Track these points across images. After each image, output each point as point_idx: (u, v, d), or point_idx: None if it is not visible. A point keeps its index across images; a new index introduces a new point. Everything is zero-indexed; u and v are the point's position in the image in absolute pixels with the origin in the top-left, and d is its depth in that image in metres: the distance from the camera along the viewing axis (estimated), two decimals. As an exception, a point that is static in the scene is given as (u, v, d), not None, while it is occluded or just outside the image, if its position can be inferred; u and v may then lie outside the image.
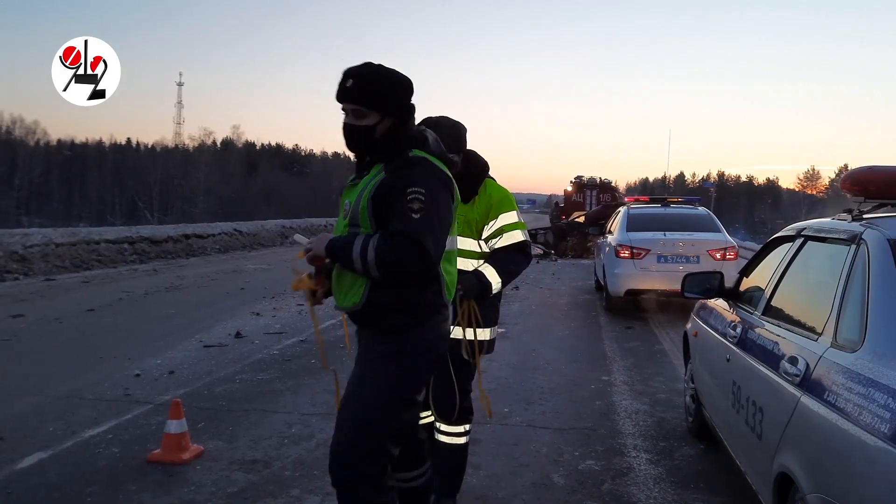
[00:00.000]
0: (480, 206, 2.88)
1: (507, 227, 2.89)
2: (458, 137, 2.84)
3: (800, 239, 3.07)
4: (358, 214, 2.24)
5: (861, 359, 2.02)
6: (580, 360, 6.48)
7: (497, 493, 3.45)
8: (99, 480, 3.50)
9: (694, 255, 8.91)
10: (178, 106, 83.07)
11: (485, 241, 2.91)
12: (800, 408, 2.20)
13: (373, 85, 2.21)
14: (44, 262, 12.49)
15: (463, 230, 2.85)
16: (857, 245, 2.38)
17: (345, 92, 2.22)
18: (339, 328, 7.57)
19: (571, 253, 18.32)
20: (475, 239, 2.89)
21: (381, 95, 2.23)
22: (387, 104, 2.23)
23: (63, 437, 4.10)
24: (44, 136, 72.65)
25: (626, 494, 3.44)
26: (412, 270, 2.16)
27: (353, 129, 2.25)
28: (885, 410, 1.76)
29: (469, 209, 2.87)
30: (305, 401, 4.92)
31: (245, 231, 20.53)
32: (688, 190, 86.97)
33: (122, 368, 5.71)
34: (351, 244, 2.17)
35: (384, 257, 2.13)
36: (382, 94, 2.23)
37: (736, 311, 3.48)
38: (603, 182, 24.68)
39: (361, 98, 2.21)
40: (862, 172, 2.81)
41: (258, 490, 3.42)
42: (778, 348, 2.61)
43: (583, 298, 10.85)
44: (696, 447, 4.10)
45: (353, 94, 2.21)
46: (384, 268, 2.14)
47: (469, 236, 2.89)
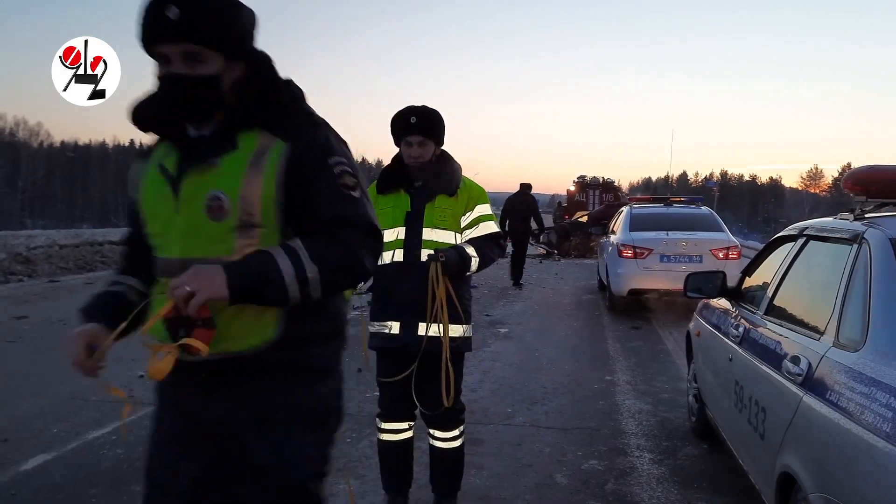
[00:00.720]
0: (462, 199, 2.92)
1: (483, 217, 2.93)
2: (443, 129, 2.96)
3: (802, 238, 3.06)
4: (255, 208, 1.51)
5: (863, 358, 2.01)
6: (583, 360, 6.48)
7: (500, 493, 3.45)
8: (103, 481, 3.51)
9: (697, 254, 8.90)
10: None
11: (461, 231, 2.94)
12: (802, 407, 2.20)
13: (210, 13, 1.49)
14: (48, 264, 12.53)
15: (449, 224, 2.88)
16: (860, 244, 2.38)
17: (166, 26, 1.45)
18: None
19: (574, 253, 18.32)
20: (458, 232, 2.92)
21: (222, 28, 1.51)
22: (234, 42, 1.54)
23: (67, 438, 4.12)
24: (47, 138, 73.15)
25: (629, 494, 3.44)
26: (369, 272, 1.58)
27: (186, 81, 1.49)
28: (888, 410, 1.75)
29: (454, 203, 2.90)
30: (308, 401, 4.92)
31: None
32: (691, 189, 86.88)
33: (126, 370, 5.71)
34: (269, 265, 1.46)
35: (334, 267, 1.51)
36: (224, 26, 1.51)
37: (738, 311, 3.48)
38: (606, 182, 24.70)
39: (195, 33, 1.47)
40: (864, 172, 2.81)
41: (261, 491, 3.42)
42: (780, 348, 2.61)
43: (586, 298, 10.85)
44: (700, 447, 4.10)
45: (183, 28, 1.45)
46: (332, 283, 1.53)
47: (454, 230, 2.90)
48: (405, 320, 2.86)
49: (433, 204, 2.86)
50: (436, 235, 2.86)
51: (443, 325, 2.81)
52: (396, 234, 2.88)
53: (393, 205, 2.91)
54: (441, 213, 2.87)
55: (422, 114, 2.85)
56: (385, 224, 2.86)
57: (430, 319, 2.81)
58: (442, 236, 2.86)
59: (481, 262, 2.88)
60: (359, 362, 5.97)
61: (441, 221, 2.87)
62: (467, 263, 2.82)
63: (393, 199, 2.92)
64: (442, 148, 2.96)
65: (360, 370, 5.75)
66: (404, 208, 2.89)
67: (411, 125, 2.83)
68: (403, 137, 2.87)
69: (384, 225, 2.85)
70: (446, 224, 2.88)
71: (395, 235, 2.88)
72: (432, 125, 2.87)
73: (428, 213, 2.86)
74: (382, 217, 2.83)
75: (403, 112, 2.87)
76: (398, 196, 2.92)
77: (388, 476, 3.12)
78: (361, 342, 2.92)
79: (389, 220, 2.87)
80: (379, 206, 2.87)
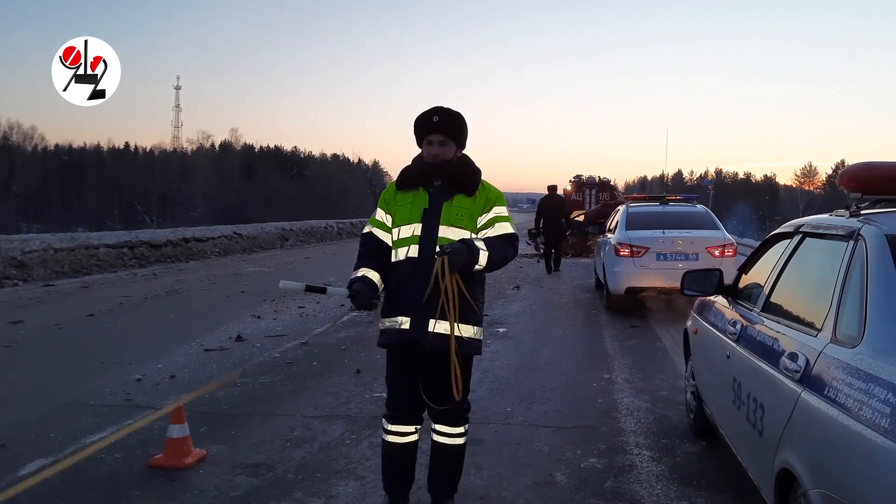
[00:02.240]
0: (480, 200, 2.95)
1: (499, 217, 2.95)
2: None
3: (798, 235, 3.07)
4: None
5: (860, 354, 2.02)
6: (581, 359, 6.49)
7: (500, 492, 3.45)
8: (101, 487, 3.50)
9: (693, 252, 8.93)
10: (176, 109, 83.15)
11: (477, 231, 2.95)
12: (800, 404, 2.21)
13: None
14: (43, 268, 12.49)
15: (466, 223, 2.90)
16: (856, 241, 2.39)
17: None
18: (340, 331, 7.59)
19: (571, 252, 18.33)
20: (473, 231, 2.93)
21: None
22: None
23: (65, 443, 4.11)
24: (41, 142, 72.79)
25: (628, 492, 3.45)
26: None
27: None
28: (885, 405, 1.76)
29: (472, 203, 2.92)
30: (308, 404, 4.92)
31: (245, 234, 20.51)
32: (686, 188, 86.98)
33: (124, 374, 5.71)
34: None
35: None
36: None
37: (735, 308, 3.49)
38: (602, 181, 24.68)
39: None
40: (859, 168, 2.82)
41: (261, 494, 3.42)
42: (778, 344, 2.62)
43: (583, 297, 10.86)
44: (698, 444, 4.11)
45: None
46: None
47: (470, 229, 2.92)
48: (416, 316, 2.86)
49: (451, 202, 2.89)
50: (451, 233, 2.87)
51: (450, 320, 2.82)
52: (413, 231, 2.90)
53: (411, 202, 2.94)
54: (458, 211, 2.90)
55: (445, 113, 2.90)
56: (402, 220, 2.92)
57: (439, 315, 2.81)
58: (458, 234, 2.87)
59: (491, 258, 2.85)
60: (358, 363, 6.02)
61: (458, 220, 2.89)
62: (475, 256, 2.79)
63: (412, 197, 2.95)
64: (463, 152, 3.02)
65: (359, 371, 5.76)
66: (422, 205, 2.91)
67: (434, 124, 2.88)
68: (425, 136, 2.92)
69: (401, 221, 2.92)
70: (462, 223, 2.90)
71: (412, 232, 2.90)
72: (454, 125, 2.93)
73: (445, 211, 2.89)
74: (400, 213, 2.90)
75: (427, 112, 2.93)
76: (417, 194, 2.95)
77: (389, 477, 3.12)
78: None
79: (406, 216, 2.90)
80: (397, 202, 2.95)
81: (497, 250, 2.88)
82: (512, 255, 2.99)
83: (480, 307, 3.00)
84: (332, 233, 27.37)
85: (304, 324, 8.05)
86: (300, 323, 8.14)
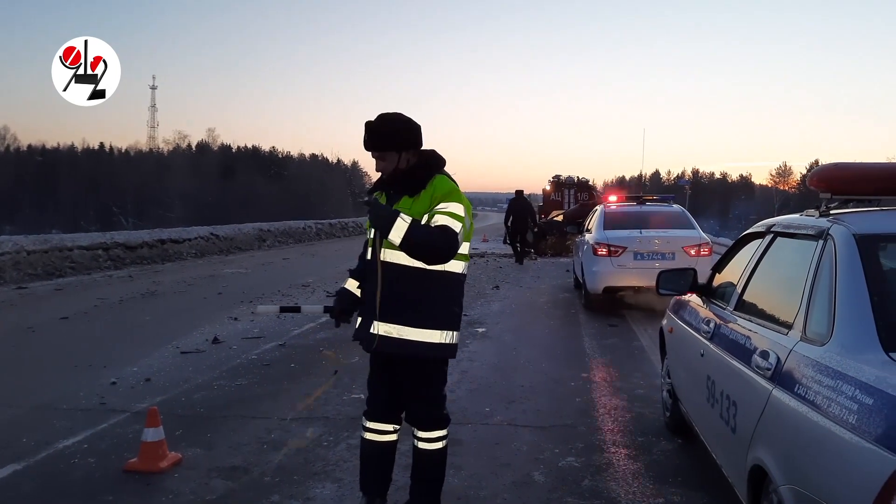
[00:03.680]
0: (424, 199, 2.90)
1: (439, 212, 2.84)
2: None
3: (769, 235, 3.12)
4: None
5: (829, 352, 2.06)
6: (560, 358, 6.53)
7: (479, 492, 3.46)
8: (75, 492, 3.45)
9: (669, 251, 9.02)
10: (152, 109, 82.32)
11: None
12: (771, 401, 2.24)
13: None
14: (15, 271, 12.27)
15: None
16: (825, 240, 2.42)
17: None
18: (318, 332, 7.55)
19: (550, 251, 18.44)
20: None
21: None
22: None
23: (37, 448, 4.03)
24: (14, 142, 71.46)
25: (605, 490, 3.47)
26: None
27: None
28: (853, 402, 1.79)
29: (413, 203, 2.91)
30: (285, 406, 4.89)
31: (222, 235, 20.31)
32: (664, 188, 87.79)
33: (98, 377, 5.63)
34: None
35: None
36: None
37: (709, 307, 3.53)
38: (580, 181, 24.85)
39: None
40: (828, 169, 2.86)
41: (237, 497, 3.39)
42: (750, 342, 2.65)
43: (562, 297, 10.92)
44: (674, 442, 4.15)
45: None
46: None
47: None
48: (365, 316, 2.96)
49: (398, 206, 2.90)
50: (395, 235, 2.85)
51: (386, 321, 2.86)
52: (371, 234, 2.99)
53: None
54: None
55: (370, 131, 2.91)
56: (367, 225, 3.03)
57: (380, 317, 2.85)
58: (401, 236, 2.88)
59: (409, 239, 2.75)
60: (336, 365, 5.98)
61: None
62: (392, 219, 2.75)
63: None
64: (422, 149, 2.98)
65: (337, 372, 5.73)
66: None
67: (365, 144, 2.95)
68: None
69: (367, 226, 3.03)
70: None
71: (370, 235, 3.00)
72: (382, 138, 2.91)
73: None
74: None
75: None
76: (381, 197, 3.01)
77: (366, 478, 3.10)
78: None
79: (369, 222, 2.98)
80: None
81: (422, 235, 2.79)
82: (442, 245, 2.80)
83: (449, 311, 2.94)
84: (310, 233, 27.21)
85: (281, 325, 7.99)
86: (277, 324, 8.09)
